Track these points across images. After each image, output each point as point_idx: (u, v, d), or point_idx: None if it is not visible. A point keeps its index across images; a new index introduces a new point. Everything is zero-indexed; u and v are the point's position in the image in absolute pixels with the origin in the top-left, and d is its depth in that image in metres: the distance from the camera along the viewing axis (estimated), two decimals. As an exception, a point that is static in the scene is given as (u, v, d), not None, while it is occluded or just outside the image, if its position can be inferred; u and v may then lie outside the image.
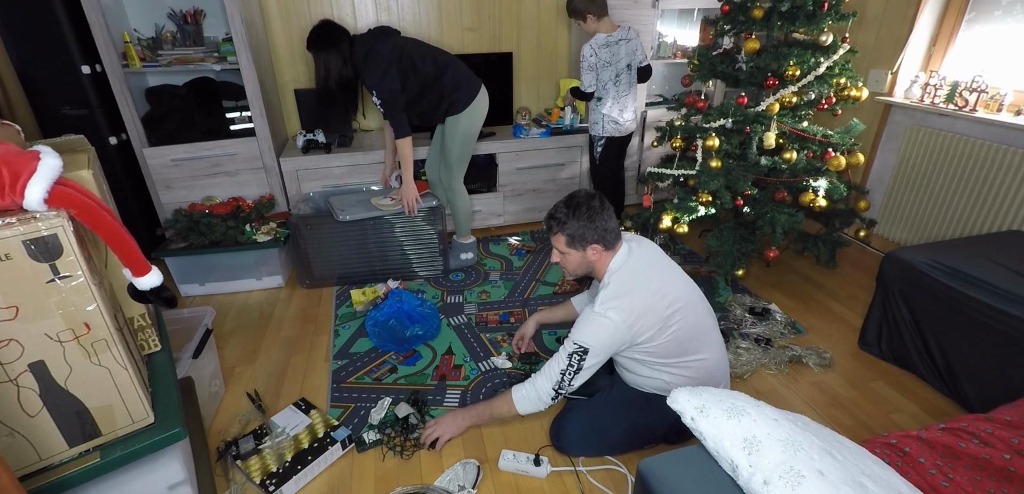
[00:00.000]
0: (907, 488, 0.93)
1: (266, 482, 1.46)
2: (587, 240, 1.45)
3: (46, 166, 0.88)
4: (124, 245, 1.02)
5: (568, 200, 1.48)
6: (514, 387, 1.55)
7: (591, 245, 1.45)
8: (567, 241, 1.48)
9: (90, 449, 1.04)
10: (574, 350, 1.42)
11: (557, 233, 1.49)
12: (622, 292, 1.41)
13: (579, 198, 1.47)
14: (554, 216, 1.49)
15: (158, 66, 2.52)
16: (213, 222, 2.46)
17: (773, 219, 2.22)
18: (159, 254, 2.39)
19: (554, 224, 1.49)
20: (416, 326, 2.14)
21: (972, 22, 2.47)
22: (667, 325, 1.41)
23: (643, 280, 1.44)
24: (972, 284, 1.68)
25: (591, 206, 1.44)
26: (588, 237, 1.44)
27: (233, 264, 2.53)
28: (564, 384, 1.45)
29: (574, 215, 1.44)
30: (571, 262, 1.52)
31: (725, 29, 2.42)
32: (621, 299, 1.40)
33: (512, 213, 3.26)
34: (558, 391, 1.47)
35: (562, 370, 1.44)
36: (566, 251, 1.50)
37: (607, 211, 1.45)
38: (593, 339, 1.40)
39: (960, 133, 2.41)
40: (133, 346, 1.15)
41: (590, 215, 1.43)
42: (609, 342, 1.41)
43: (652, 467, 1.05)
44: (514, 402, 1.53)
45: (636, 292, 1.41)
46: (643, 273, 1.46)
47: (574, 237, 1.46)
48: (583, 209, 1.44)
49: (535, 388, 1.50)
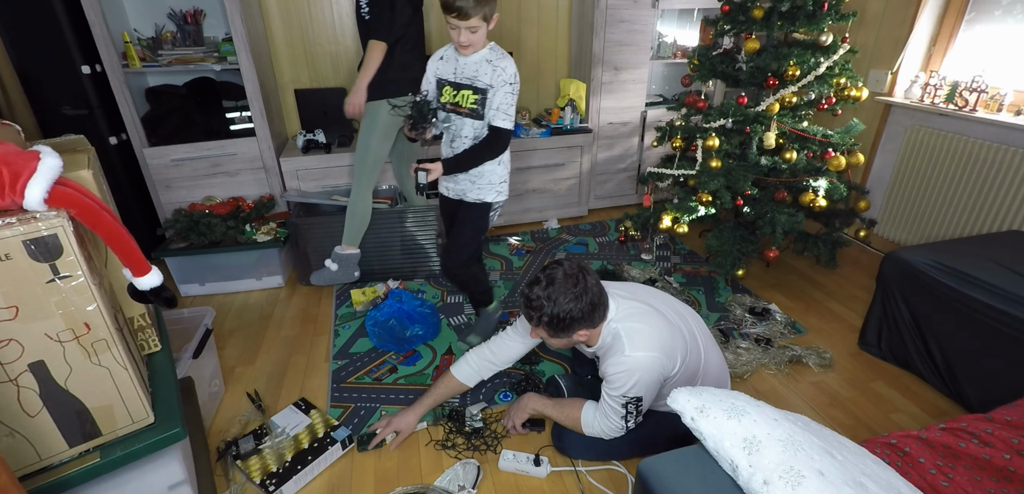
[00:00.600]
0: (907, 488, 0.93)
1: (266, 482, 1.46)
2: (574, 328, 1.32)
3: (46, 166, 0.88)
4: (124, 245, 1.02)
5: (546, 280, 1.30)
6: (586, 404, 1.50)
7: (577, 332, 1.34)
8: (549, 332, 1.35)
9: (90, 449, 1.04)
10: (627, 403, 1.35)
11: (537, 327, 1.35)
12: (638, 332, 1.34)
13: (554, 276, 1.30)
14: (530, 305, 1.32)
15: (158, 66, 2.53)
16: (213, 222, 2.46)
17: (773, 219, 2.22)
18: (159, 254, 2.39)
19: (532, 316, 1.33)
20: (416, 326, 2.14)
21: (972, 22, 2.47)
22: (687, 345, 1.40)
23: (644, 317, 1.37)
24: (972, 284, 1.68)
25: (578, 286, 1.28)
26: (574, 326, 1.31)
27: (233, 264, 2.53)
28: (630, 426, 1.40)
29: (552, 300, 1.28)
30: (556, 345, 1.43)
31: (725, 29, 2.42)
32: (646, 337, 1.34)
33: (512, 213, 3.26)
34: (627, 427, 1.41)
35: (622, 417, 1.37)
36: (553, 339, 1.38)
37: (589, 283, 1.30)
38: (641, 389, 1.33)
39: (960, 133, 2.41)
40: (133, 346, 1.15)
41: (574, 297, 1.27)
42: (656, 379, 1.34)
43: (652, 467, 1.05)
44: (582, 422, 1.48)
45: (651, 328, 1.35)
46: (639, 313, 1.39)
47: (558, 329, 1.31)
48: (565, 292, 1.27)
49: (601, 427, 1.43)
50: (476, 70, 1.67)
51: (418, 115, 1.69)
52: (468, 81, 1.68)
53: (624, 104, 3.25)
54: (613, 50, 3.07)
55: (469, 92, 1.68)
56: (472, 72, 1.67)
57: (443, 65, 1.75)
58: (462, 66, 1.69)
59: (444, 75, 1.75)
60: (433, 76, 1.78)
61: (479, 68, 1.66)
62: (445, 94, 1.73)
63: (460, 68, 1.69)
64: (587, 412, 1.49)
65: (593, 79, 3.12)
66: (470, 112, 1.70)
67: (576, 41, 3.29)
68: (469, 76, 1.68)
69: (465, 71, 1.68)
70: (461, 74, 1.69)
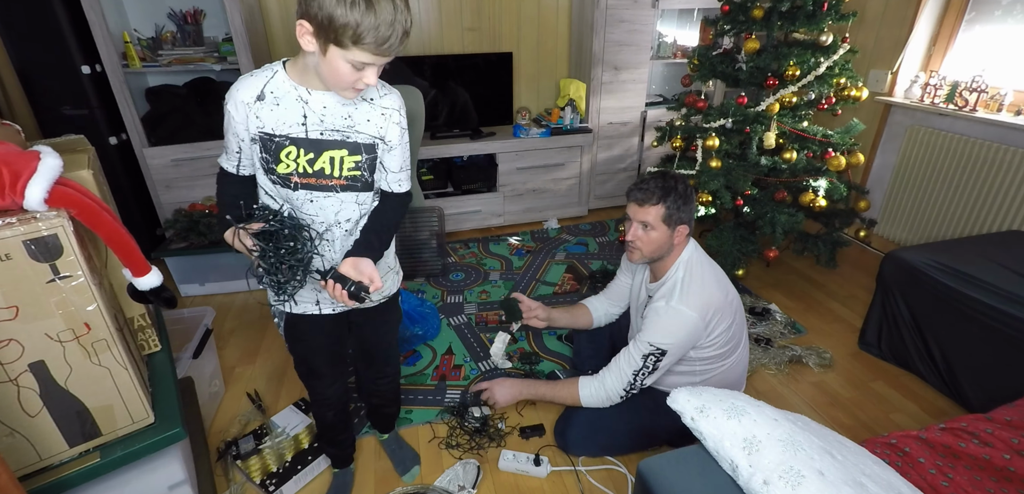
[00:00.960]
0: (907, 488, 0.93)
1: (266, 482, 1.46)
2: (682, 219, 1.39)
3: (46, 166, 0.88)
4: (124, 245, 1.02)
5: (663, 176, 1.40)
6: (582, 378, 1.53)
7: (681, 225, 1.40)
8: (664, 216, 1.38)
9: (90, 449, 1.04)
10: (650, 351, 1.37)
11: (657, 203, 1.37)
12: (694, 287, 1.37)
13: (673, 176, 1.41)
14: (648, 188, 1.39)
15: (158, 66, 2.53)
16: (213, 222, 2.46)
17: (773, 219, 2.22)
18: (159, 254, 2.39)
19: (651, 196, 1.38)
20: (416, 326, 2.13)
21: (972, 22, 2.47)
22: (733, 318, 1.42)
23: (710, 276, 1.41)
24: (972, 284, 1.68)
25: (687, 186, 1.40)
26: (683, 217, 1.39)
27: (233, 264, 2.52)
28: (636, 385, 1.42)
29: (676, 189, 1.38)
30: (653, 241, 1.41)
31: (725, 29, 2.42)
32: (694, 296, 1.36)
33: (512, 213, 3.26)
34: (629, 392, 1.44)
35: (635, 371, 1.40)
36: (655, 226, 1.39)
37: (692, 196, 1.42)
38: (671, 339, 1.36)
39: (960, 133, 2.41)
40: (133, 346, 1.15)
41: (686, 195, 1.39)
42: (686, 340, 1.37)
43: (652, 467, 1.05)
44: (580, 395, 1.50)
45: (707, 287, 1.38)
46: (708, 269, 1.44)
47: (671, 214, 1.38)
48: (681, 186, 1.39)
49: (604, 387, 1.47)
50: (349, 117, 1.04)
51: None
52: (338, 136, 1.04)
53: (624, 104, 3.25)
54: (613, 50, 3.07)
55: (342, 153, 1.05)
56: (343, 122, 1.04)
57: (277, 112, 1.00)
58: (325, 113, 1.02)
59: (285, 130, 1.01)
60: (255, 131, 1.01)
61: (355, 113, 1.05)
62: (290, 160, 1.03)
63: (319, 117, 1.02)
64: (585, 384, 1.51)
65: (593, 79, 3.13)
66: (348, 182, 1.08)
67: (576, 41, 3.29)
68: (339, 128, 1.04)
69: (331, 120, 1.03)
70: (326, 125, 1.03)
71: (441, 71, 3.02)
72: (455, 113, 3.13)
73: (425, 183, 3.05)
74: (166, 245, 2.45)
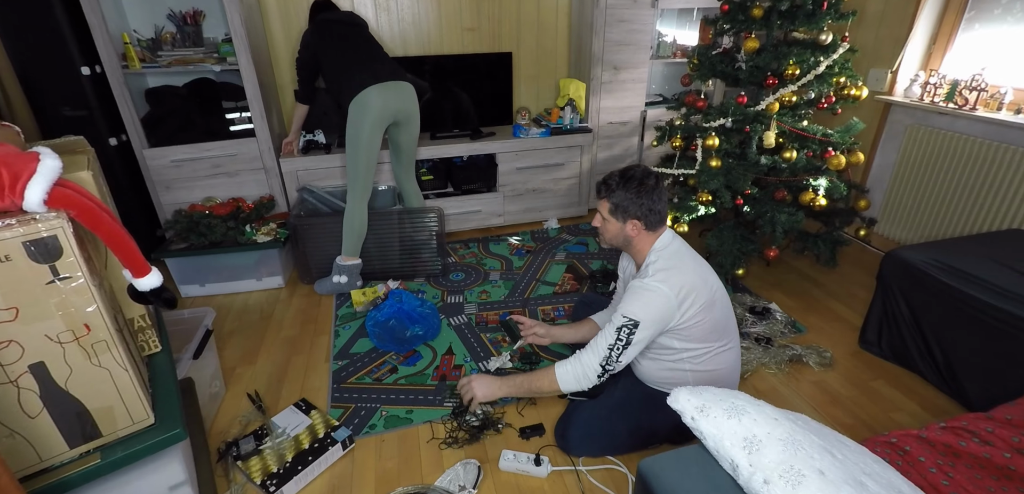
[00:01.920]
0: (907, 487, 0.93)
1: (267, 482, 1.46)
2: (629, 213, 1.46)
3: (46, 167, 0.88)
4: (124, 246, 1.02)
5: (624, 171, 1.49)
6: (558, 363, 1.53)
7: (631, 220, 1.46)
8: (610, 208, 1.49)
9: (90, 450, 1.04)
10: (623, 323, 1.40)
11: (603, 198, 1.51)
12: (669, 268, 1.42)
13: (634, 172, 1.47)
14: (606, 182, 1.51)
15: (158, 67, 2.53)
16: (213, 223, 2.46)
17: (773, 218, 2.22)
18: (159, 255, 2.39)
19: (603, 189, 1.51)
20: (416, 326, 2.14)
21: (972, 21, 2.47)
22: (710, 307, 1.43)
23: (688, 262, 1.45)
24: (972, 282, 1.68)
25: (644, 183, 1.45)
26: (631, 211, 1.45)
27: (233, 265, 2.53)
28: (611, 360, 1.43)
29: (624, 186, 1.45)
30: (609, 231, 1.53)
31: (725, 28, 2.42)
32: (669, 274, 1.40)
33: (512, 213, 3.26)
34: (605, 368, 1.44)
35: (610, 345, 1.42)
36: (607, 218, 1.51)
37: (658, 192, 1.46)
38: (643, 311, 1.39)
39: (960, 132, 2.41)
40: (133, 347, 1.15)
41: (639, 191, 1.44)
42: (658, 315, 1.39)
43: (652, 467, 1.05)
44: (557, 378, 1.50)
45: (683, 271, 1.42)
46: (687, 256, 1.47)
47: (618, 207, 1.47)
48: (634, 183, 1.45)
49: (581, 364, 1.47)
50: None
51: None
52: None
53: (624, 104, 3.25)
54: (613, 50, 3.07)
55: None
56: None
57: None
58: None
59: None
60: None
61: None
62: None
63: None
64: (561, 367, 1.51)
65: (593, 79, 3.12)
66: None
67: (576, 41, 3.29)
68: None
69: None
70: None
71: (441, 71, 3.02)
72: (455, 113, 3.13)
73: (425, 183, 3.05)
74: (166, 246, 2.45)
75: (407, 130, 2.50)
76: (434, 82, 3.02)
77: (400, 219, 2.58)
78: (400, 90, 2.35)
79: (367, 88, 2.24)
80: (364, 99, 2.24)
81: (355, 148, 2.31)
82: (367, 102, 2.25)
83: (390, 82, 2.31)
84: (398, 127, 2.46)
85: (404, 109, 2.40)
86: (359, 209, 2.42)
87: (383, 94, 2.27)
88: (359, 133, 2.28)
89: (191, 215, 2.50)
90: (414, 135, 2.55)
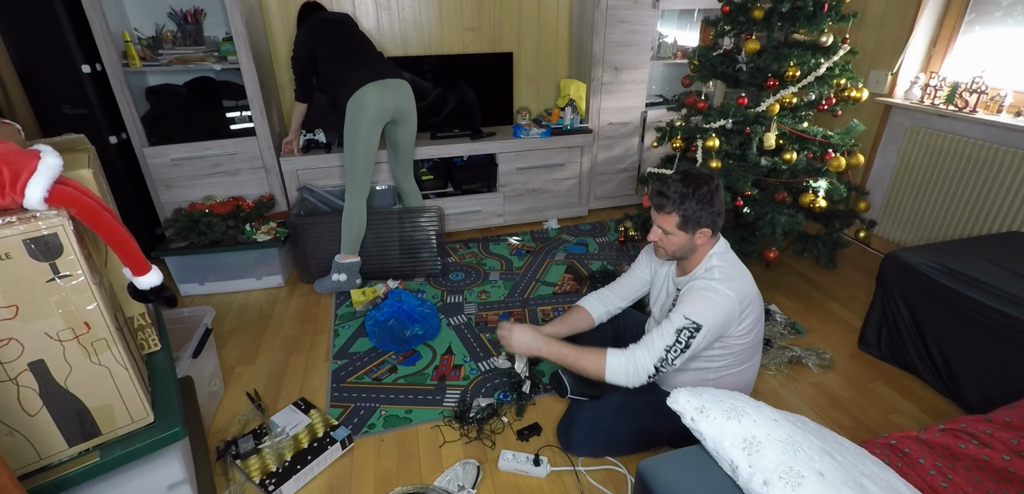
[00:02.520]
0: (907, 489, 0.93)
1: (266, 482, 1.46)
2: (701, 223, 1.36)
3: (46, 165, 0.88)
4: (124, 244, 1.02)
5: (685, 177, 1.37)
6: (610, 350, 1.42)
7: (702, 228, 1.37)
8: (680, 222, 1.37)
9: (90, 448, 1.04)
10: (685, 326, 1.32)
11: (670, 212, 1.37)
12: (733, 276, 1.37)
13: (697, 177, 1.37)
14: (665, 193, 1.37)
15: (158, 65, 2.52)
16: (213, 221, 2.46)
17: (773, 220, 2.22)
18: (159, 253, 2.39)
19: (667, 202, 1.37)
20: (416, 326, 2.14)
21: (972, 23, 2.48)
22: (760, 319, 1.42)
23: (746, 271, 1.42)
24: (972, 285, 1.68)
25: (711, 187, 1.36)
26: (703, 220, 1.36)
27: (233, 264, 2.52)
28: (667, 362, 1.35)
29: (693, 195, 1.34)
30: (673, 243, 1.41)
31: (725, 30, 2.42)
32: (734, 282, 1.36)
33: (512, 213, 3.26)
34: (659, 370, 1.37)
35: (668, 346, 1.34)
36: (673, 232, 1.39)
37: (720, 194, 1.38)
38: (709, 315, 1.32)
39: (960, 134, 2.41)
40: (133, 345, 1.15)
41: (709, 197, 1.35)
42: (722, 321, 1.34)
43: (652, 467, 1.05)
44: (606, 367, 1.40)
45: (744, 280, 1.38)
46: (742, 266, 1.44)
47: (688, 219, 1.36)
48: (703, 189, 1.35)
49: (635, 361, 1.38)
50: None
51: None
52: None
53: (624, 104, 3.25)
54: (613, 50, 3.07)
55: None
56: None
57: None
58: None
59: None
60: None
61: None
62: None
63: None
64: (613, 357, 1.41)
65: (593, 79, 3.13)
66: None
67: (576, 41, 3.29)
68: None
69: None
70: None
71: (441, 71, 3.02)
72: (455, 113, 3.13)
73: (425, 183, 3.06)
74: (166, 244, 2.45)
75: (404, 128, 2.50)
76: (435, 82, 3.02)
77: (400, 219, 2.58)
78: (397, 87, 2.36)
79: (364, 85, 2.25)
80: (362, 97, 2.25)
81: (353, 146, 2.32)
82: (364, 99, 2.26)
83: (388, 80, 2.31)
84: (395, 124, 2.47)
85: (401, 106, 2.40)
86: (358, 207, 2.42)
87: (381, 91, 2.29)
88: (357, 130, 2.29)
89: (191, 214, 2.50)
90: (412, 133, 2.55)
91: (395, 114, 2.40)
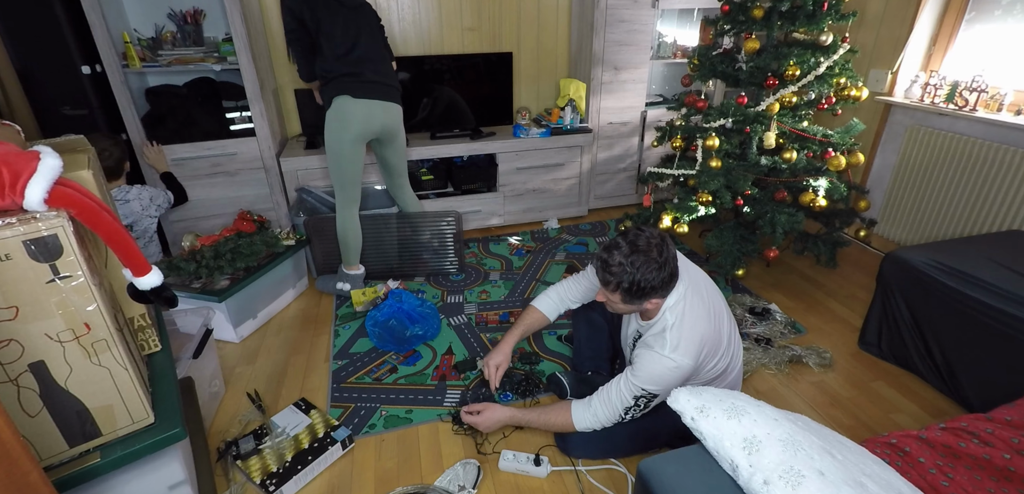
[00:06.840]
0: (907, 488, 0.93)
1: (266, 482, 1.46)
2: (651, 295, 1.30)
3: (46, 166, 0.88)
4: (124, 245, 1.02)
5: (632, 249, 1.27)
6: (574, 403, 1.50)
7: (653, 299, 1.32)
8: (624, 298, 1.32)
9: (90, 449, 1.04)
10: (641, 394, 1.37)
11: (614, 291, 1.31)
12: (686, 334, 1.33)
13: (644, 249, 1.26)
14: (609, 268, 1.28)
15: (158, 66, 2.53)
16: (253, 241, 2.27)
17: (773, 219, 2.22)
18: (214, 300, 2.04)
19: (611, 279, 1.29)
20: (416, 326, 2.14)
21: (972, 22, 2.47)
22: (719, 345, 1.43)
23: (699, 310, 1.37)
24: (972, 284, 1.68)
25: (662, 257, 1.26)
26: (652, 293, 1.29)
27: (278, 278, 2.37)
28: (626, 418, 1.43)
29: (640, 270, 1.25)
30: (623, 310, 1.40)
31: (725, 29, 2.42)
32: (687, 341, 1.32)
33: (512, 213, 3.26)
34: (621, 422, 1.44)
35: (627, 408, 1.39)
36: (620, 305, 1.37)
37: (671, 252, 1.30)
38: (663, 381, 1.34)
39: (960, 133, 2.41)
40: (133, 346, 1.15)
41: (659, 267, 1.26)
42: (676, 383, 1.34)
43: (652, 467, 1.05)
44: (574, 421, 1.48)
45: (696, 325, 1.34)
46: (698, 301, 1.39)
47: (634, 295, 1.29)
48: (652, 263, 1.25)
49: (597, 417, 1.45)
50: None
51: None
52: None
53: (624, 104, 3.25)
54: (613, 50, 3.07)
55: None
56: None
57: None
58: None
59: None
60: None
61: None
62: None
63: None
64: (578, 410, 1.49)
65: (593, 79, 3.13)
66: None
67: (576, 41, 3.29)
68: None
69: None
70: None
71: (441, 71, 3.02)
72: (455, 113, 3.13)
73: (425, 183, 3.06)
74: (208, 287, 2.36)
75: (393, 146, 2.40)
76: (434, 81, 3.02)
77: (400, 220, 2.58)
78: (386, 110, 2.24)
79: (352, 98, 2.12)
80: (345, 108, 2.12)
81: (337, 161, 2.21)
82: (348, 113, 2.12)
83: (377, 101, 2.19)
84: (381, 144, 2.37)
85: (388, 127, 2.28)
86: (350, 218, 2.34)
87: (367, 110, 2.16)
88: (341, 147, 2.18)
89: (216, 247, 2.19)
90: (401, 149, 2.45)
91: (380, 134, 2.29)
